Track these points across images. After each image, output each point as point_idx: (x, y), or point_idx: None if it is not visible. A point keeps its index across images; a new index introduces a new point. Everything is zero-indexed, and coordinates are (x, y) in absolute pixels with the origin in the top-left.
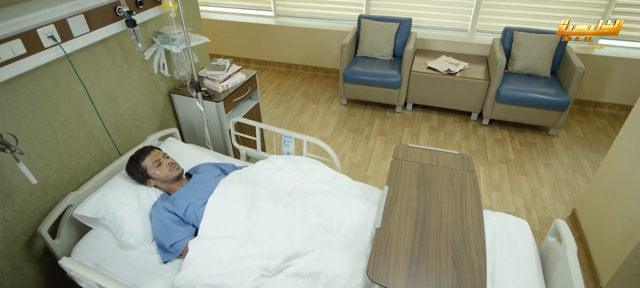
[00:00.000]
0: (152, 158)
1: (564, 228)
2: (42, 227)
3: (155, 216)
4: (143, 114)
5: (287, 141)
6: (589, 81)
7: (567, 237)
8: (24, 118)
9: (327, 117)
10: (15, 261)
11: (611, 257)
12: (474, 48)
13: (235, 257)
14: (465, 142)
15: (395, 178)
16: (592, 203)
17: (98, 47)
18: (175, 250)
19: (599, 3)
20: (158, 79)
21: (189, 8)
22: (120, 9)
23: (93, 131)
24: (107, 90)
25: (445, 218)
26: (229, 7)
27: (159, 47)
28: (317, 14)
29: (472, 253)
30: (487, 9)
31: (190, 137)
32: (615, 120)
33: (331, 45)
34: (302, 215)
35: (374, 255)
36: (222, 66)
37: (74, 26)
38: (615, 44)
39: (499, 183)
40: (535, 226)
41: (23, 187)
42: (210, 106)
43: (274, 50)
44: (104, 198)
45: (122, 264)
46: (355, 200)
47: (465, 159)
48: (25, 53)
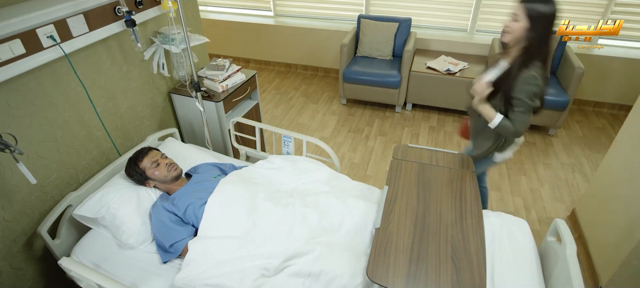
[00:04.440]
0: (151, 159)
1: (564, 228)
2: (42, 227)
3: (155, 216)
4: (142, 114)
5: (286, 141)
6: (588, 81)
7: (567, 237)
8: (23, 118)
9: (327, 117)
10: (14, 261)
11: (610, 257)
12: (473, 48)
13: (235, 257)
14: (464, 142)
15: (395, 178)
16: (592, 202)
17: (97, 47)
18: (174, 250)
19: (598, 3)
20: (157, 79)
21: (189, 8)
22: (119, 8)
23: (92, 131)
24: (107, 90)
25: (445, 218)
26: (229, 7)
27: (159, 47)
28: (316, 14)
29: (471, 253)
30: (487, 9)
31: (189, 137)
32: (614, 120)
33: (331, 45)
34: (302, 215)
35: (374, 255)
36: (221, 66)
37: (74, 26)
38: (615, 44)
39: (498, 183)
40: (534, 226)
41: (22, 187)
42: (209, 106)
43: (274, 50)
44: (104, 198)
45: (122, 264)
46: (355, 200)
47: (465, 159)
48: (25, 53)
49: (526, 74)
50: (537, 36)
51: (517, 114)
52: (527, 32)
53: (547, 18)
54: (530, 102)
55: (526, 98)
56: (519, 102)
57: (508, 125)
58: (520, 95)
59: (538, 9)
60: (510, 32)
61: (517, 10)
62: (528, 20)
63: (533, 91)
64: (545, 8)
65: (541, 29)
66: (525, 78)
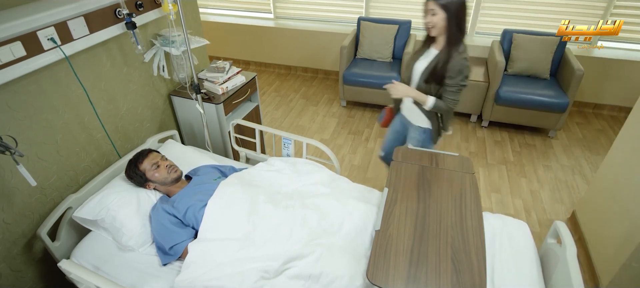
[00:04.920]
0: (151, 161)
1: (564, 230)
2: (42, 229)
3: (155, 218)
4: (143, 116)
5: (286, 143)
6: (588, 83)
7: (567, 239)
8: (23, 120)
9: (327, 119)
10: (14, 263)
11: (611, 259)
12: (473, 50)
13: (235, 259)
14: (464, 143)
15: (395, 180)
16: (592, 205)
17: (98, 49)
18: (174, 253)
19: (597, 5)
20: (158, 81)
21: (189, 10)
22: (120, 11)
23: (93, 133)
24: (107, 92)
25: (445, 220)
26: (229, 10)
27: (159, 49)
28: (316, 16)
29: (471, 255)
30: (486, 11)
31: (189, 139)
32: (614, 122)
33: (331, 47)
34: (302, 218)
35: (374, 257)
36: (221, 68)
37: (74, 28)
38: (614, 46)
39: (498, 185)
40: (534, 228)
41: (22, 189)
42: (209, 108)
43: (274, 52)
44: (104, 200)
45: (122, 266)
46: (355, 202)
47: (465, 161)
48: (25, 55)
49: (458, 59)
50: (456, 21)
51: (451, 93)
52: (447, 21)
53: (458, 3)
54: (463, 84)
55: (460, 81)
56: (453, 84)
57: (441, 105)
58: (456, 79)
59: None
60: (434, 26)
61: (431, 7)
62: (444, 11)
63: (465, 75)
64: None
65: (458, 13)
66: (459, 64)
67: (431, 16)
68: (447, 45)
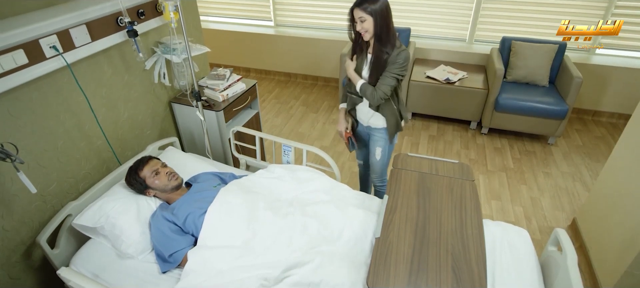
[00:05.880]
0: (151, 168)
1: (564, 238)
2: (41, 237)
3: (155, 225)
4: (143, 123)
5: (286, 150)
6: (587, 90)
7: (568, 247)
8: (24, 127)
9: (327, 126)
10: (13, 271)
11: (612, 267)
12: (472, 57)
13: (234, 266)
14: (464, 150)
15: (394, 187)
16: (592, 212)
17: (99, 57)
18: (174, 260)
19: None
20: (158, 89)
21: (190, 18)
22: (122, 19)
23: (93, 140)
24: (108, 99)
25: (445, 228)
26: (230, 17)
27: (160, 56)
28: (316, 24)
29: (472, 263)
30: (485, 19)
31: (190, 146)
32: (614, 129)
33: (330, 54)
34: (302, 225)
35: (374, 265)
36: (222, 75)
37: (76, 36)
38: (613, 53)
39: (498, 192)
40: (535, 235)
41: (22, 196)
42: (210, 115)
43: (274, 59)
44: (104, 207)
45: (121, 274)
46: (355, 209)
47: (465, 168)
48: (28, 63)
49: (396, 52)
50: (384, 23)
51: (385, 82)
52: (376, 26)
53: (382, 6)
54: (400, 73)
55: (396, 69)
56: (389, 72)
57: (368, 91)
58: (392, 67)
59: (372, 6)
60: (366, 31)
61: (359, 15)
62: (371, 17)
63: (402, 64)
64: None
65: (384, 15)
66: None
67: (361, 23)
68: (378, 43)
